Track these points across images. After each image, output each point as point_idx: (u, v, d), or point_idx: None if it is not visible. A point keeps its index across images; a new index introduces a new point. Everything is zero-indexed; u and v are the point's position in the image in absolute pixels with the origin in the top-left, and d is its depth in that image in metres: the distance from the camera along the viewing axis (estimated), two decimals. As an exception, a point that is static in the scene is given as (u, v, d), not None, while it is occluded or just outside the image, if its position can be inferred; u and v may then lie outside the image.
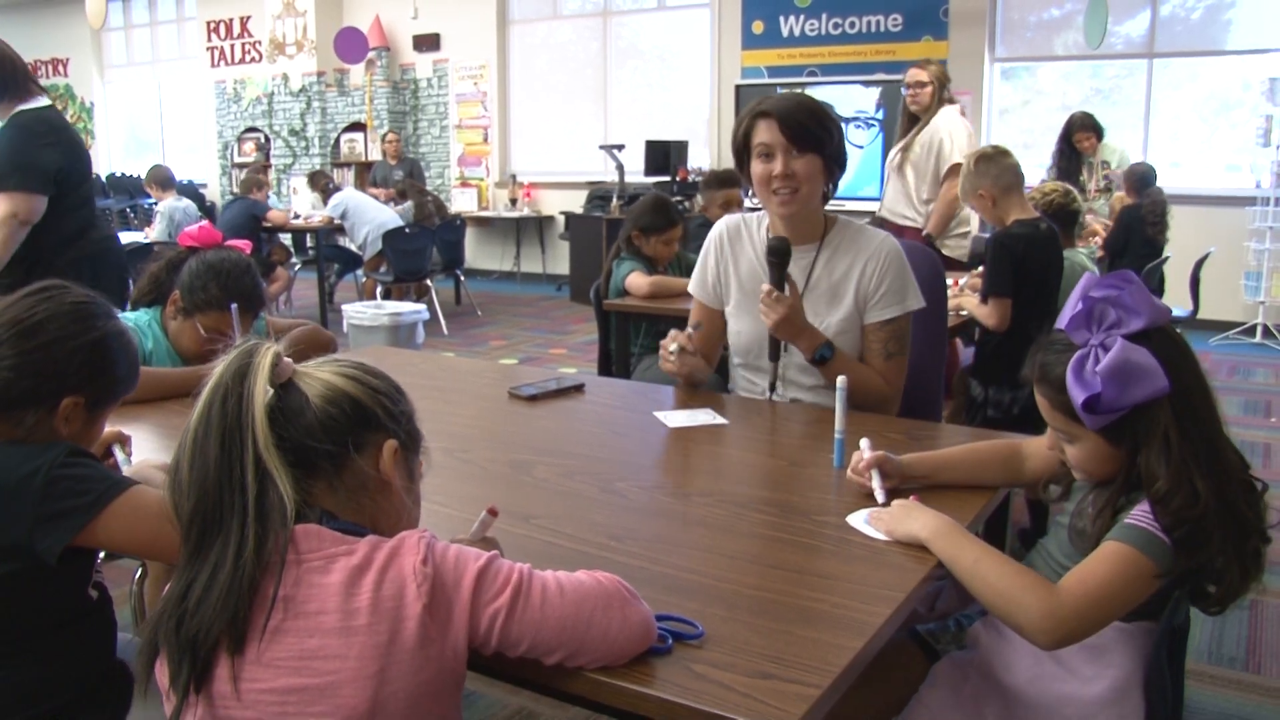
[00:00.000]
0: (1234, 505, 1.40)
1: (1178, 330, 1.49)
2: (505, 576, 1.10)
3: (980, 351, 3.63)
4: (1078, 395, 1.42)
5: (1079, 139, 6.86)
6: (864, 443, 1.70)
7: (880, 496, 1.63)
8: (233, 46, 12.96)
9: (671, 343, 2.25)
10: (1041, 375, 1.52)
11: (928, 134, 5.09)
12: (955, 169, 4.89)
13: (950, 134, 5.01)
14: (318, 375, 1.16)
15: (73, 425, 1.45)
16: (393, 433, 1.18)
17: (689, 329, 2.33)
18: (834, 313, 2.28)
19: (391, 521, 1.18)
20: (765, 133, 2.19)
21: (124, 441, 1.75)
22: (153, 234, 7.70)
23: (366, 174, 11.01)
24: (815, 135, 2.17)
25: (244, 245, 2.58)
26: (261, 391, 1.10)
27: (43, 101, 3.34)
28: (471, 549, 1.12)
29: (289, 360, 1.15)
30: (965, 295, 3.69)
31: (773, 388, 2.31)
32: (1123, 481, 1.47)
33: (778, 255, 2.19)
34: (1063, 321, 1.49)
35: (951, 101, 5.17)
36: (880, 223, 5.06)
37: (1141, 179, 6.21)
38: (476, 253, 11.40)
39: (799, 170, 2.18)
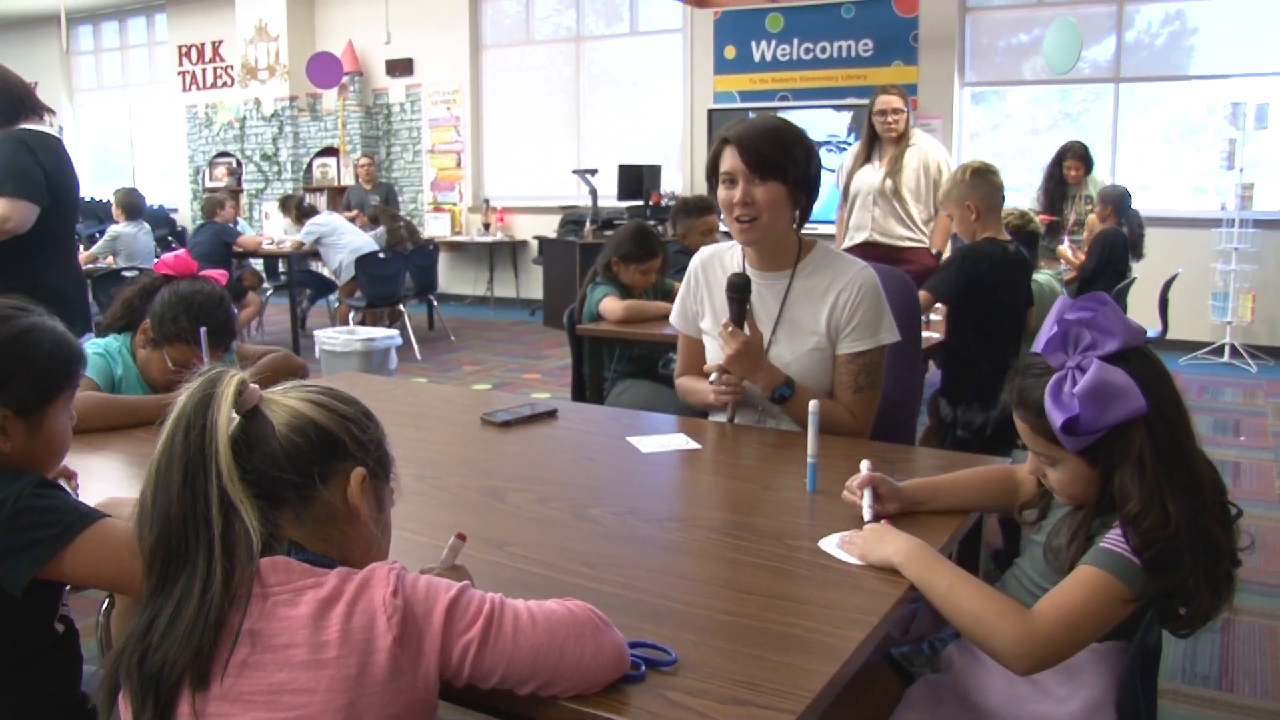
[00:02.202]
0: (1206, 528, 1.40)
1: (1153, 350, 1.50)
2: (477, 607, 1.09)
3: (948, 371, 3.67)
4: (1056, 417, 1.43)
5: (1067, 166, 6.89)
6: (865, 464, 1.71)
7: (867, 515, 1.63)
8: (204, 71, 12.95)
9: (713, 372, 2.28)
10: (1020, 400, 1.53)
11: (917, 157, 5.15)
12: None
13: (945, 156, 5.19)
14: (283, 402, 1.15)
15: (15, 439, 1.40)
16: (361, 461, 1.16)
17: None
18: (806, 341, 2.28)
19: (361, 552, 1.17)
20: (728, 159, 2.20)
21: (69, 477, 1.71)
22: (86, 253, 7.58)
23: (339, 199, 10.98)
24: (776, 163, 2.17)
25: (219, 276, 2.57)
26: (225, 422, 1.08)
27: (48, 126, 3.38)
28: (442, 580, 1.12)
29: (255, 386, 1.14)
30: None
31: (731, 418, 2.32)
32: (1096, 503, 1.47)
33: (737, 291, 2.21)
34: (1039, 345, 1.50)
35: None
36: (872, 247, 5.10)
37: (1121, 200, 6.27)
38: (449, 278, 11.39)
39: (759, 198, 2.17)
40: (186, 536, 1.06)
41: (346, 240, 8.13)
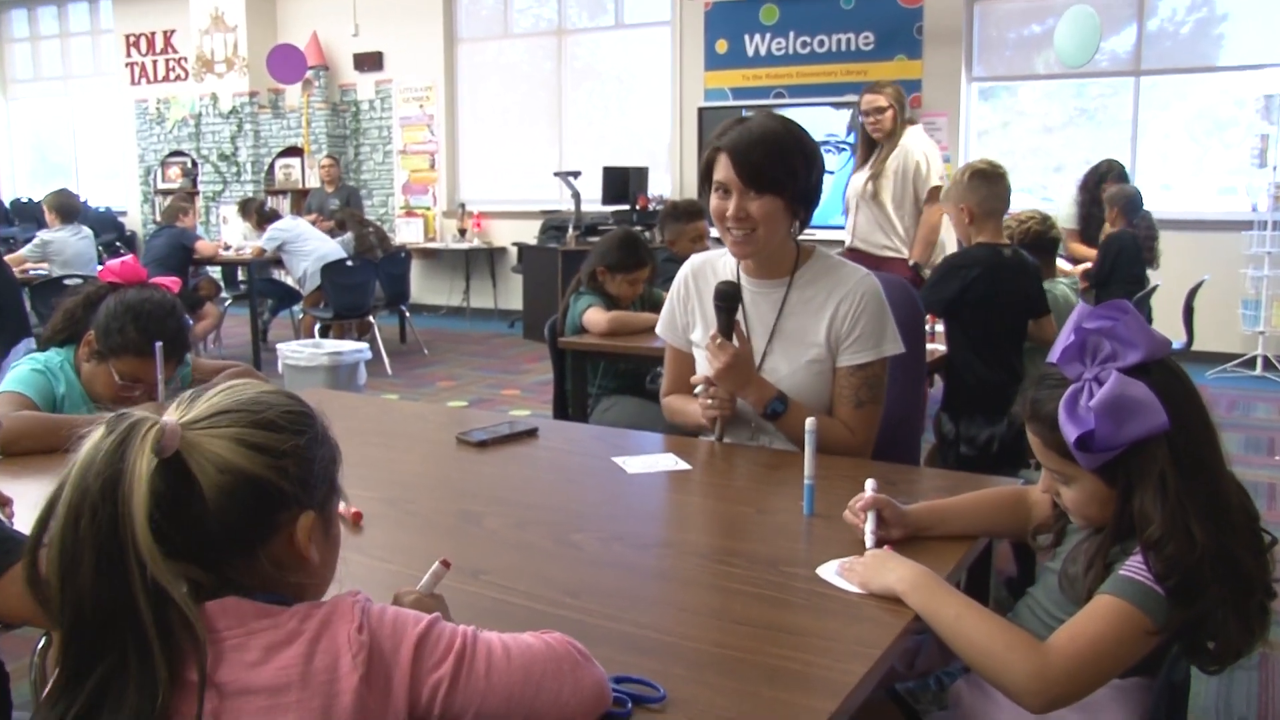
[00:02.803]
0: (1235, 556, 1.39)
1: (1177, 363, 1.50)
2: (447, 642, 1.09)
3: (949, 385, 3.69)
4: (1070, 432, 1.42)
5: (1107, 189, 6.85)
6: (869, 484, 1.72)
7: (869, 541, 1.64)
8: (155, 63, 12.89)
9: (697, 384, 2.29)
10: (1033, 412, 1.52)
11: (898, 159, 5.17)
12: (936, 191, 4.98)
13: (926, 155, 5.12)
14: (209, 449, 1.04)
15: None
16: (307, 504, 1.10)
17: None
18: (804, 353, 2.29)
19: (314, 584, 1.15)
20: (722, 169, 2.21)
21: (3, 504, 1.69)
22: (12, 256, 7.50)
23: (303, 202, 10.97)
24: (774, 177, 2.17)
25: (171, 284, 2.55)
26: (143, 504, 0.99)
27: None
28: (411, 612, 1.11)
29: (173, 425, 1.03)
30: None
31: (719, 436, 2.33)
32: (1115, 527, 1.47)
33: (725, 300, 2.22)
34: (1054, 355, 1.50)
35: (913, 122, 5.27)
36: (853, 254, 5.12)
37: (1131, 202, 6.30)
38: (422, 287, 11.39)
39: (754, 212, 2.19)
40: (109, 632, 0.99)
41: (312, 247, 8.13)
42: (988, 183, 3.57)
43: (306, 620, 1.06)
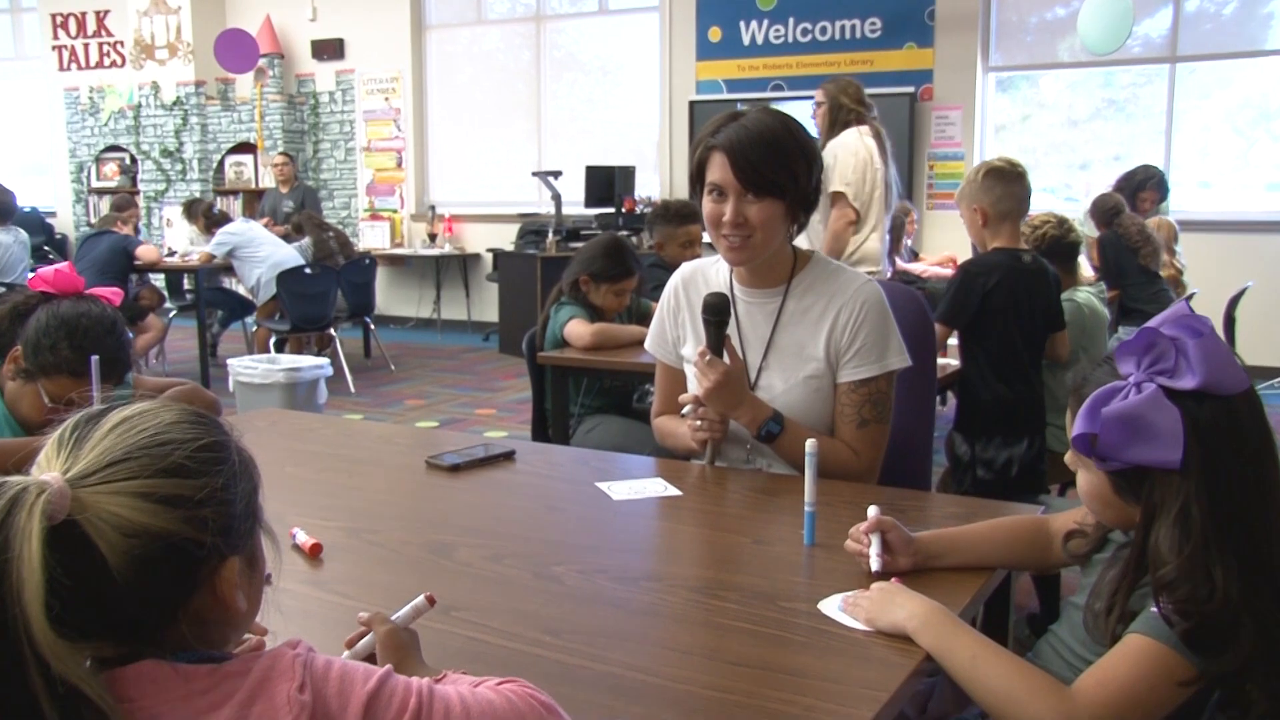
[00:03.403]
0: (1271, 610, 1.37)
1: (1255, 400, 1.45)
2: (401, 701, 1.05)
3: (963, 403, 3.70)
4: (1078, 425, 1.45)
5: (1143, 199, 6.80)
6: (872, 509, 1.72)
7: (875, 565, 1.65)
8: (87, 46, 12.76)
9: (686, 404, 2.30)
10: (1077, 387, 1.53)
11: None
12: (838, 197, 4.98)
13: (835, 155, 5.06)
14: (108, 511, 0.96)
15: None
16: (228, 550, 1.04)
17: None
18: (801, 368, 2.31)
19: (241, 627, 1.13)
20: (717, 170, 2.21)
21: None
22: None
23: (257, 204, 10.97)
24: (774, 180, 2.18)
25: (112, 295, 2.53)
26: (36, 597, 0.92)
27: None
28: (360, 666, 1.07)
29: (63, 487, 0.96)
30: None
31: (711, 460, 2.34)
32: (1135, 559, 1.46)
33: (713, 313, 2.23)
34: (1121, 344, 1.50)
35: (858, 122, 5.18)
36: None
37: (1109, 212, 6.33)
38: (389, 297, 11.39)
39: (752, 217, 2.20)
40: None
41: (266, 253, 8.12)
42: (1003, 182, 3.58)
43: (238, 679, 1.01)
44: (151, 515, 0.97)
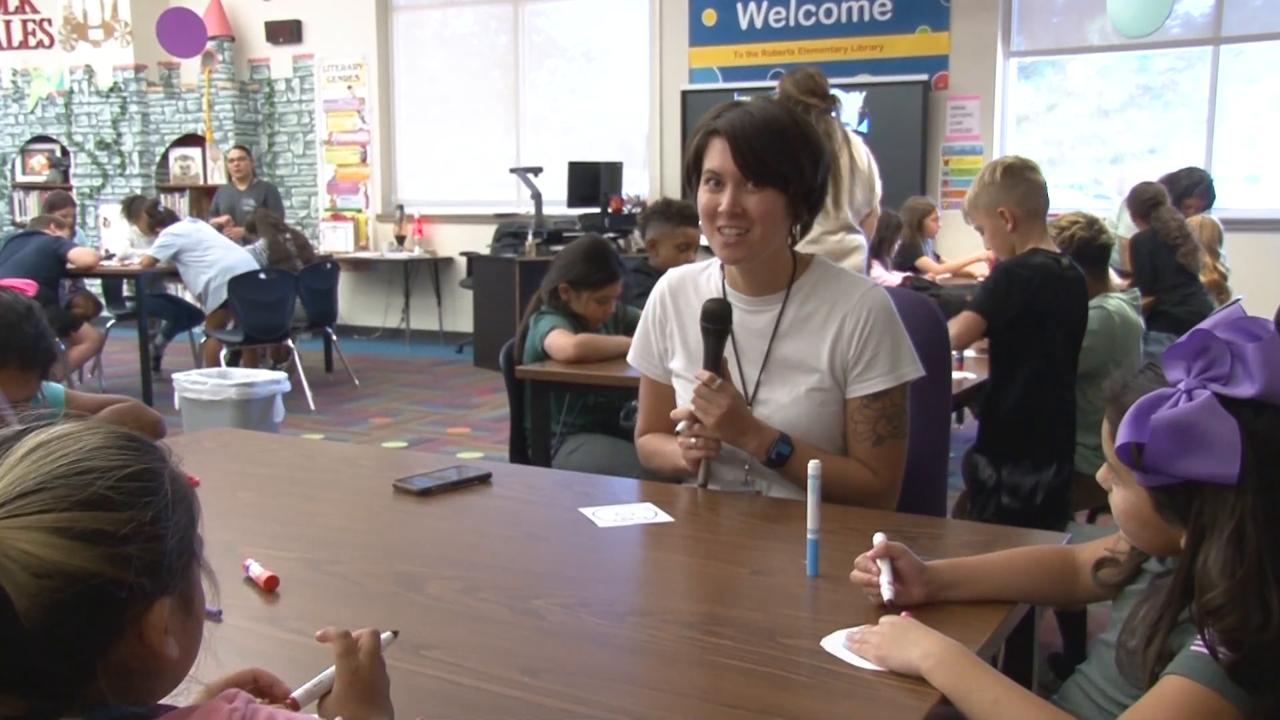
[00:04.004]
0: None
1: None
2: None
3: (988, 421, 3.70)
4: (1123, 434, 1.42)
5: (1188, 205, 6.77)
6: (878, 537, 1.73)
7: (887, 594, 1.65)
8: (9, 24, 12.59)
9: (679, 420, 2.31)
10: (1116, 394, 1.51)
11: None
12: None
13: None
14: (16, 548, 0.93)
15: None
16: (156, 591, 1.00)
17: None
18: (803, 380, 2.32)
19: (173, 678, 1.09)
20: (716, 156, 2.24)
21: None
22: None
23: (207, 202, 10.95)
24: (776, 169, 2.21)
25: (25, 285, 2.54)
26: None
27: None
28: (306, 719, 1.06)
29: None
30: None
31: (704, 483, 2.34)
32: (1180, 586, 1.45)
33: (714, 321, 2.23)
34: (1171, 348, 1.48)
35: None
36: None
37: (1148, 203, 6.33)
38: (353, 305, 11.39)
39: (751, 208, 2.22)
40: None
41: (215, 256, 8.10)
42: (1025, 178, 3.57)
43: None
44: (67, 553, 0.93)
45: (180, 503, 1.04)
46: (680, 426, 2.32)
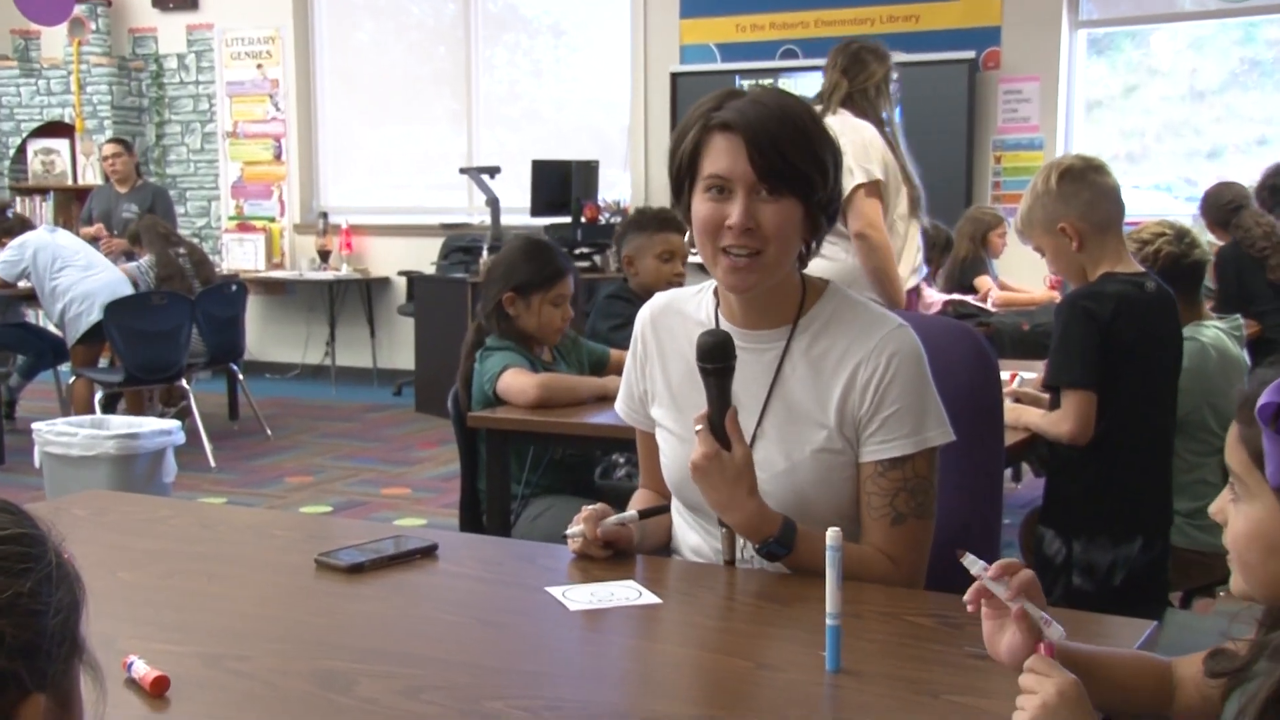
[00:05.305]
0: None
1: None
2: None
3: (1057, 484, 3.70)
4: (1267, 394, 1.42)
5: None
6: (973, 561, 1.69)
7: (1057, 631, 1.64)
8: None
9: (576, 525, 2.32)
10: (1246, 398, 1.49)
11: None
12: (861, 190, 4.97)
13: (839, 140, 5.08)
14: None
15: None
16: (28, 686, 1.00)
17: (625, 514, 2.38)
18: (808, 437, 2.30)
19: None
20: (724, 156, 2.22)
21: None
22: None
23: (77, 208, 10.92)
24: (801, 171, 2.20)
25: None
26: None
27: None
28: None
29: None
30: (1023, 406, 3.73)
31: (730, 558, 2.33)
32: None
33: (713, 358, 2.18)
34: None
35: (849, 103, 5.20)
36: None
37: (1227, 207, 6.35)
38: (264, 336, 11.39)
39: (767, 222, 2.20)
40: None
41: (72, 278, 8.07)
42: (1087, 182, 3.53)
43: None
44: None
45: (65, 580, 1.04)
46: (574, 530, 2.34)
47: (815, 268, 2.43)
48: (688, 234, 2.35)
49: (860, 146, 4.99)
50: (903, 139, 5.39)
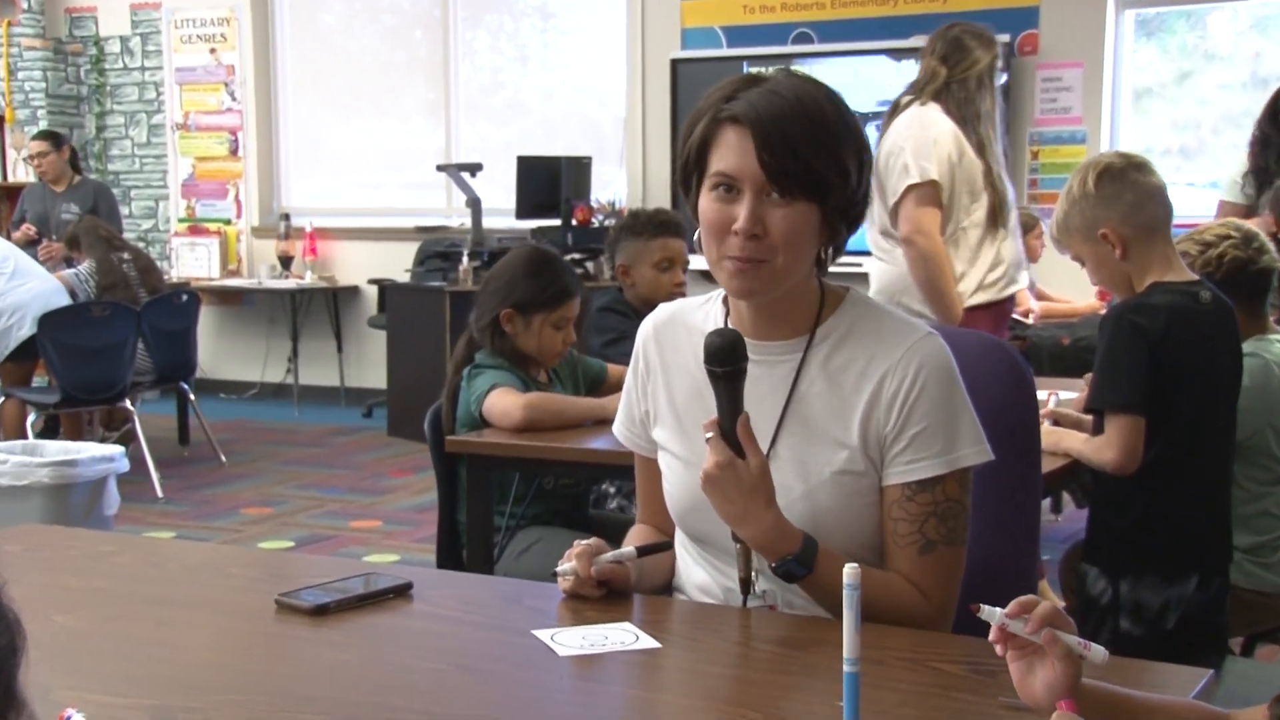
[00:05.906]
0: None
1: None
2: None
3: (1100, 517, 3.70)
4: None
5: None
6: (990, 610, 1.71)
7: (1100, 654, 1.65)
8: None
9: (566, 561, 2.32)
10: None
11: (889, 138, 5.20)
12: (913, 191, 4.98)
13: (914, 137, 5.13)
14: None
15: None
16: None
17: (622, 550, 2.38)
18: (828, 458, 2.30)
19: None
20: (732, 153, 2.22)
21: None
22: None
23: (8, 208, 10.92)
24: (815, 172, 2.20)
25: None
26: None
27: None
28: None
29: None
30: (1062, 430, 3.72)
31: (746, 588, 2.31)
32: None
33: (721, 362, 2.18)
34: None
35: (944, 95, 5.22)
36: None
37: None
38: (219, 352, 11.40)
39: (776, 227, 2.20)
40: None
41: (15, 285, 8.09)
42: (1129, 182, 3.52)
43: None
44: None
45: (2, 623, 1.07)
46: (563, 567, 2.35)
47: (870, 269, 2.44)
48: (696, 235, 2.31)
49: (923, 143, 5.00)
50: (1001, 137, 5.38)
